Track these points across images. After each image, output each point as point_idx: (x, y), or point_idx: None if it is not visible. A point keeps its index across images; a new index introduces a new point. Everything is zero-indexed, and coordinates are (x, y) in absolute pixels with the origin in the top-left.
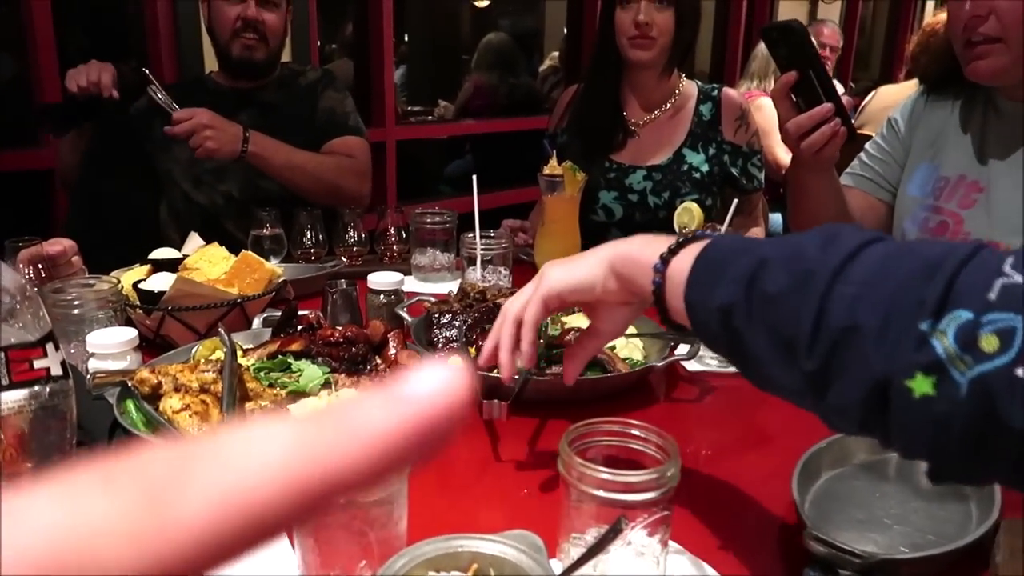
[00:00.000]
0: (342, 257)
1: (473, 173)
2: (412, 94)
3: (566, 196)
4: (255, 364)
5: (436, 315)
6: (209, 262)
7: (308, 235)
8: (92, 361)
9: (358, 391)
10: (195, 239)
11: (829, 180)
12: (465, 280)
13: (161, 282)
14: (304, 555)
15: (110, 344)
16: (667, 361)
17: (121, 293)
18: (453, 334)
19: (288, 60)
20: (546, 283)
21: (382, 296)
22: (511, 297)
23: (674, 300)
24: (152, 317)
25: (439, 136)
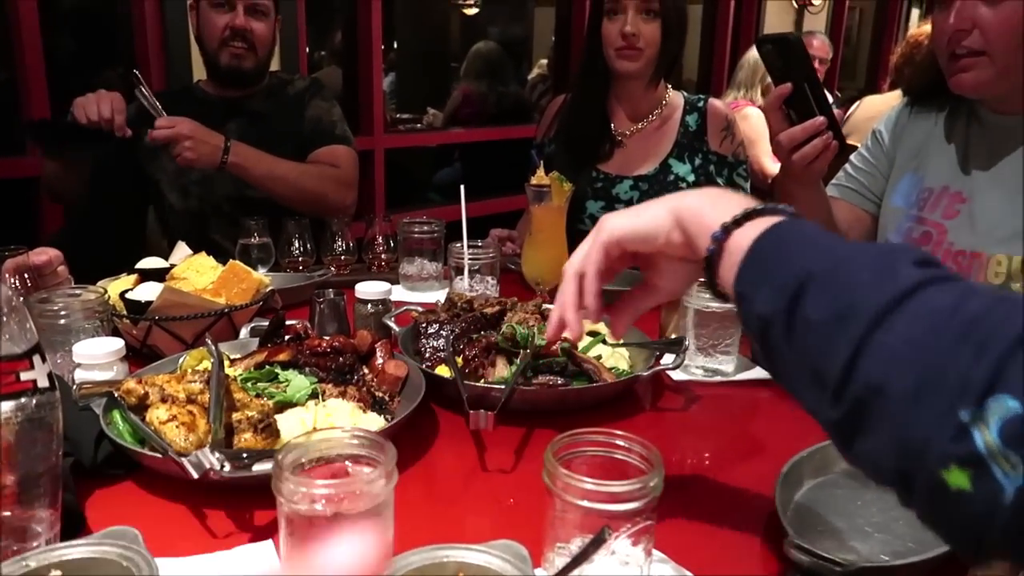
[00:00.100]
0: (330, 266)
1: (462, 181)
2: (401, 102)
3: (553, 206)
4: (242, 374)
5: (423, 325)
6: (197, 272)
7: (296, 244)
8: (78, 371)
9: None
10: (183, 248)
11: (817, 192)
12: (453, 290)
13: (148, 292)
14: (290, 565)
15: (96, 354)
16: (652, 371)
17: (108, 303)
18: (440, 344)
19: (277, 69)
20: (606, 230)
21: (370, 306)
22: (572, 254)
23: (725, 274)
24: (139, 327)
25: (428, 144)
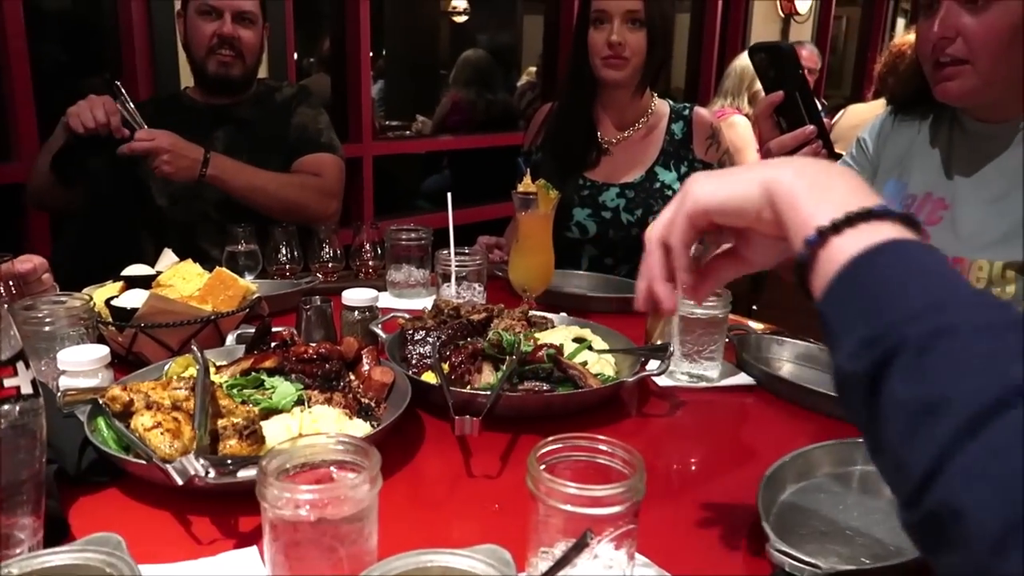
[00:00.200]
0: (317, 273)
1: (450, 189)
2: (390, 109)
3: (540, 213)
4: (228, 381)
5: (410, 332)
6: (183, 279)
7: (283, 251)
8: (63, 379)
9: (331, 408)
10: (169, 255)
11: None
12: (440, 297)
13: (134, 299)
14: (274, 571)
15: (81, 361)
16: (638, 376)
17: (93, 310)
18: (427, 350)
19: (264, 76)
20: (692, 198)
21: (356, 313)
22: (651, 224)
23: (815, 283)
24: (124, 334)
25: (416, 151)
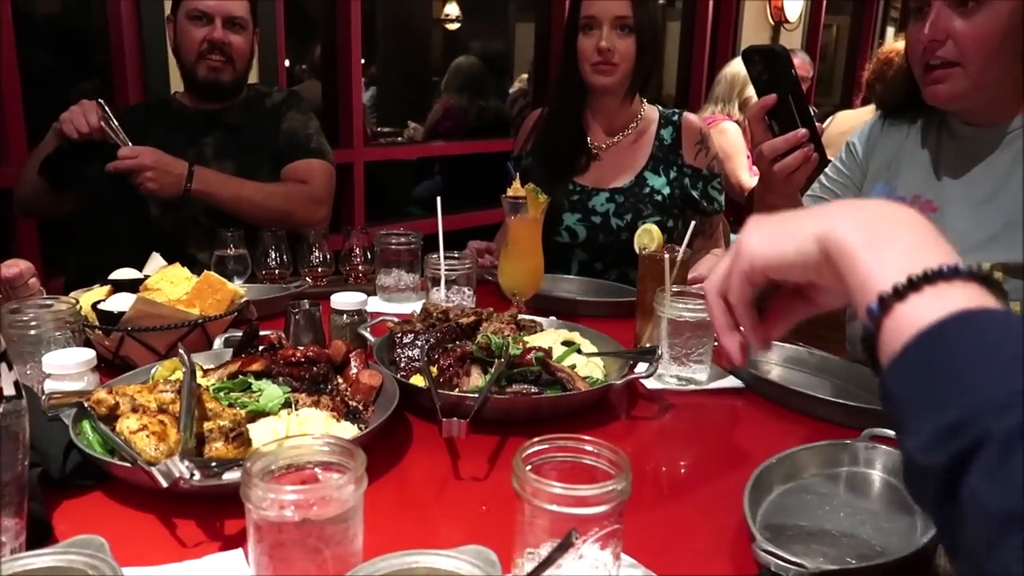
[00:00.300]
0: (307, 278)
1: (443, 195)
2: (382, 116)
3: (529, 218)
4: (215, 384)
5: (399, 335)
6: (170, 283)
7: (273, 256)
8: (48, 382)
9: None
10: (156, 260)
11: (794, 203)
12: (429, 300)
13: (121, 303)
14: (259, 572)
15: (67, 365)
16: (626, 379)
17: (79, 314)
18: (415, 353)
19: (255, 81)
20: (747, 256)
21: (345, 316)
22: (711, 274)
23: (884, 354)
24: (111, 338)
25: (407, 157)
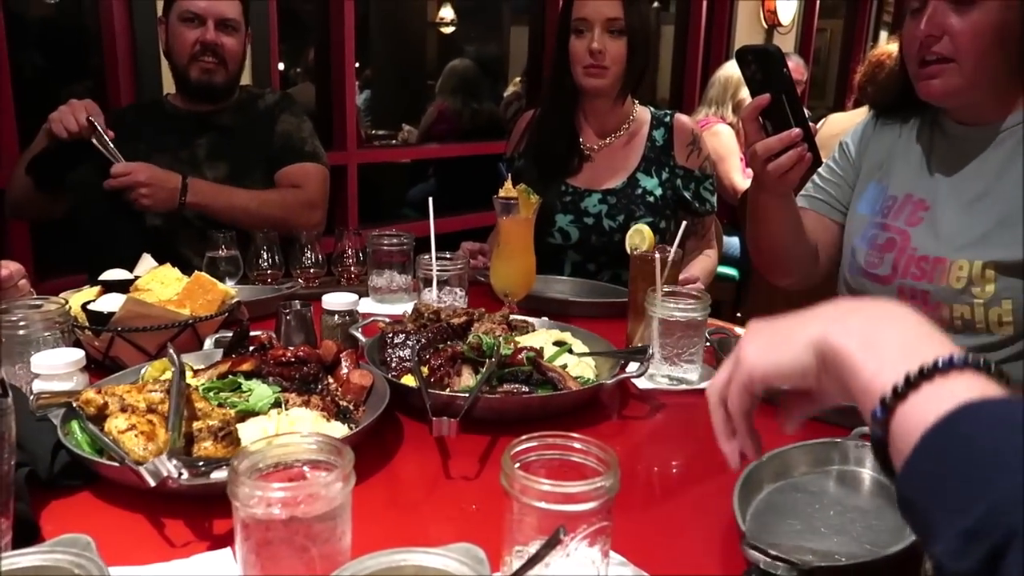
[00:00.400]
0: (299, 279)
1: (437, 197)
2: (376, 118)
3: (521, 218)
4: (205, 384)
5: (390, 335)
6: (161, 283)
7: (265, 257)
8: (37, 382)
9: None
10: (147, 260)
11: (787, 203)
12: (420, 301)
13: (111, 303)
14: (246, 571)
15: (55, 365)
16: (617, 379)
17: (69, 314)
18: (406, 354)
19: (248, 83)
20: (745, 368)
21: (336, 317)
22: (711, 380)
23: (897, 459)
24: (101, 338)
25: (401, 160)
